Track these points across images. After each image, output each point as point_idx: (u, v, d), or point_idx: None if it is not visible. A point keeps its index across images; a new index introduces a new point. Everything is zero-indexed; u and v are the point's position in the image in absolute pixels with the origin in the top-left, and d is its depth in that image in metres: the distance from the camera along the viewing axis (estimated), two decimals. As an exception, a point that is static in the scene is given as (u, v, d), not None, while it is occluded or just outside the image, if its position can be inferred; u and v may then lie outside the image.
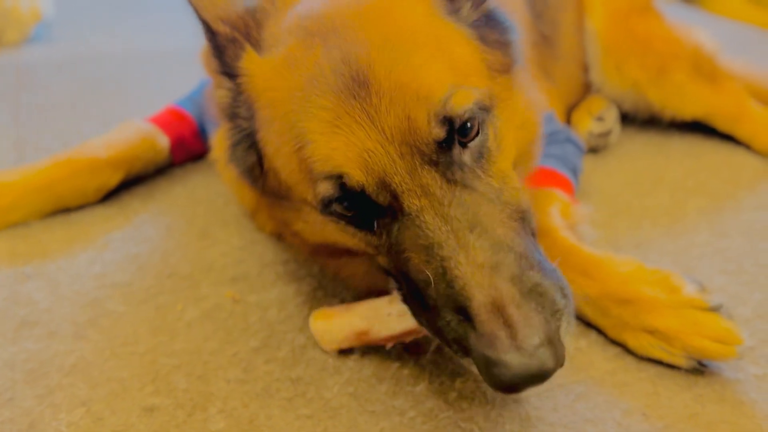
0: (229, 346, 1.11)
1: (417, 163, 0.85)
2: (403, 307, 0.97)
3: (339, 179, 0.86)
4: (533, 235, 0.93)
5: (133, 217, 1.46)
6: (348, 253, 1.11)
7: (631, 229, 1.44)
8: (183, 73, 1.88)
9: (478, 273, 0.79)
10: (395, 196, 0.86)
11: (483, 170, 0.90)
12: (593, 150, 1.78)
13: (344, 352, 1.09)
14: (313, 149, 0.87)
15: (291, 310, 1.19)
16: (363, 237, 0.95)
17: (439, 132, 0.85)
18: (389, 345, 1.05)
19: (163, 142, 1.56)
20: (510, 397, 1.01)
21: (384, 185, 0.85)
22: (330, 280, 1.27)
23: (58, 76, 2.29)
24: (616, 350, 1.10)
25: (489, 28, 1.00)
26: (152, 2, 3.26)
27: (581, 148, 1.60)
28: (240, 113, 1.02)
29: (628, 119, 1.90)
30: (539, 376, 0.75)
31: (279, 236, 1.36)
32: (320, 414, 0.99)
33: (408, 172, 0.85)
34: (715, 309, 1.04)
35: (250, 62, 0.98)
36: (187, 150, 1.63)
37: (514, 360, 0.74)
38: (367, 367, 1.07)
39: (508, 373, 0.74)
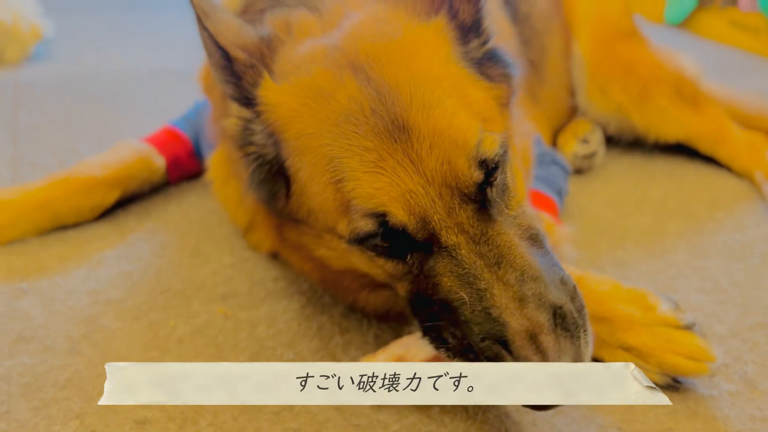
0: (219, 361, 1.14)
1: (456, 203, 0.91)
2: None
3: (382, 217, 0.91)
4: (545, 246, 0.99)
5: (127, 235, 1.50)
6: (366, 286, 1.14)
7: (613, 249, 1.49)
8: (179, 93, 1.92)
9: (512, 304, 0.87)
10: (433, 234, 0.91)
11: (505, 204, 0.97)
12: (578, 171, 1.83)
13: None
14: (355, 186, 0.92)
15: (280, 327, 1.23)
16: (389, 267, 0.98)
17: (479, 175, 0.92)
18: None
19: (159, 161, 1.60)
20: (491, 413, 1.05)
21: (424, 224, 0.91)
22: (318, 297, 1.30)
23: (57, 94, 2.34)
24: (595, 367, 1.14)
25: (493, 64, 1.06)
26: (150, 23, 3.33)
27: (567, 169, 1.65)
28: (256, 140, 1.04)
29: (613, 141, 1.95)
30: None
31: (275, 255, 1.40)
32: (307, 427, 1.02)
33: (446, 211, 0.91)
34: (688, 327, 1.08)
35: (269, 90, 1.00)
36: (183, 169, 1.67)
37: None
38: (353, 382, 1.10)
39: None
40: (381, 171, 0.91)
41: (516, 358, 0.84)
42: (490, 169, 0.93)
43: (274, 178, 1.05)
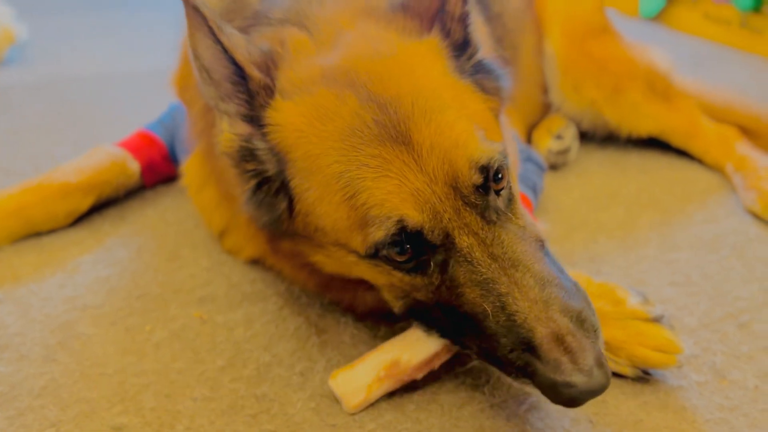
0: (197, 365, 1.15)
1: (459, 204, 0.93)
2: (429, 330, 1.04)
3: (399, 223, 0.92)
4: (550, 255, 1.01)
5: (103, 239, 1.50)
6: (359, 286, 1.15)
7: (587, 243, 1.51)
8: (155, 96, 1.91)
9: (535, 308, 0.89)
10: (447, 234, 0.93)
11: (512, 213, 0.99)
12: (553, 167, 1.84)
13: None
14: (368, 196, 0.93)
15: (257, 329, 1.23)
16: (408, 280, 0.99)
17: (478, 178, 0.94)
18: (420, 375, 1.05)
19: (134, 166, 1.59)
20: (465, 409, 1.06)
21: (437, 222, 0.92)
22: (295, 299, 1.31)
23: (31, 98, 2.32)
24: (567, 361, 1.16)
25: (485, 77, 1.08)
26: (125, 25, 3.30)
27: (542, 167, 1.66)
28: (258, 157, 1.03)
29: (587, 137, 1.97)
30: (597, 391, 0.87)
31: (256, 261, 1.40)
32: (283, 429, 1.03)
33: (454, 210, 0.93)
34: (657, 319, 1.11)
35: (277, 110, 0.99)
36: (158, 173, 1.66)
37: (579, 380, 0.85)
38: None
39: (576, 391, 0.85)
40: (388, 174, 0.92)
41: (546, 363, 0.86)
42: (490, 175, 0.95)
43: (275, 197, 1.04)
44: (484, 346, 0.94)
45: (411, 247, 0.94)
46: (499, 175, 0.97)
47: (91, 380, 1.12)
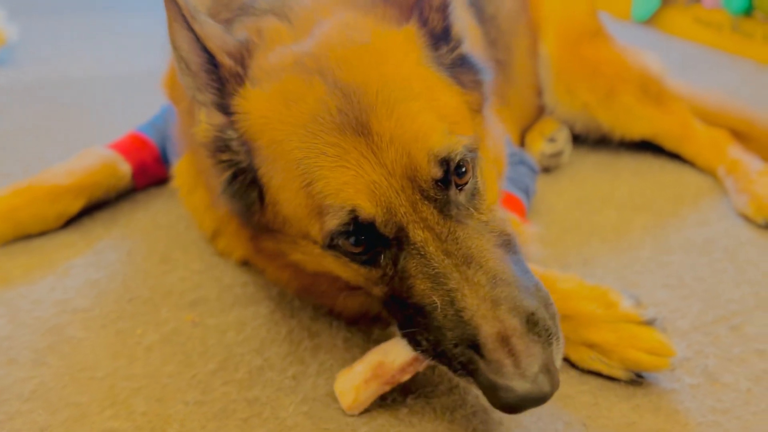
0: (188, 369, 1.14)
1: (417, 197, 0.92)
2: None
3: (351, 213, 0.91)
4: (518, 252, 1.00)
5: (94, 242, 1.48)
6: (342, 289, 1.14)
7: (580, 246, 1.51)
8: (146, 99, 1.90)
9: (482, 306, 0.88)
10: (401, 228, 0.92)
11: (475, 208, 0.98)
12: (546, 170, 1.85)
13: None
14: (324, 185, 0.92)
15: (249, 332, 1.22)
16: (364, 272, 0.99)
17: (437, 171, 0.93)
18: (406, 377, 1.04)
19: (125, 168, 1.58)
20: (458, 412, 1.06)
21: (391, 215, 0.91)
22: (288, 302, 1.30)
23: (22, 100, 2.30)
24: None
25: (465, 70, 1.07)
26: (117, 28, 3.28)
27: (535, 169, 1.66)
28: (231, 147, 1.03)
29: (580, 139, 1.98)
30: (539, 400, 0.85)
31: (246, 262, 1.39)
32: (275, 433, 1.02)
33: (410, 204, 0.92)
34: (649, 322, 1.11)
35: (245, 98, 1.00)
36: (149, 175, 1.65)
37: (518, 386, 0.83)
38: (322, 386, 1.11)
39: (513, 396, 0.84)
40: (346, 165, 0.92)
41: (488, 363, 0.85)
42: (452, 169, 0.94)
43: (248, 188, 1.04)
44: (431, 338, 0.93)
45: (365, 238, 0.94)
46: (463, 169, 0.95)
47: (81, 384, 1.11)
